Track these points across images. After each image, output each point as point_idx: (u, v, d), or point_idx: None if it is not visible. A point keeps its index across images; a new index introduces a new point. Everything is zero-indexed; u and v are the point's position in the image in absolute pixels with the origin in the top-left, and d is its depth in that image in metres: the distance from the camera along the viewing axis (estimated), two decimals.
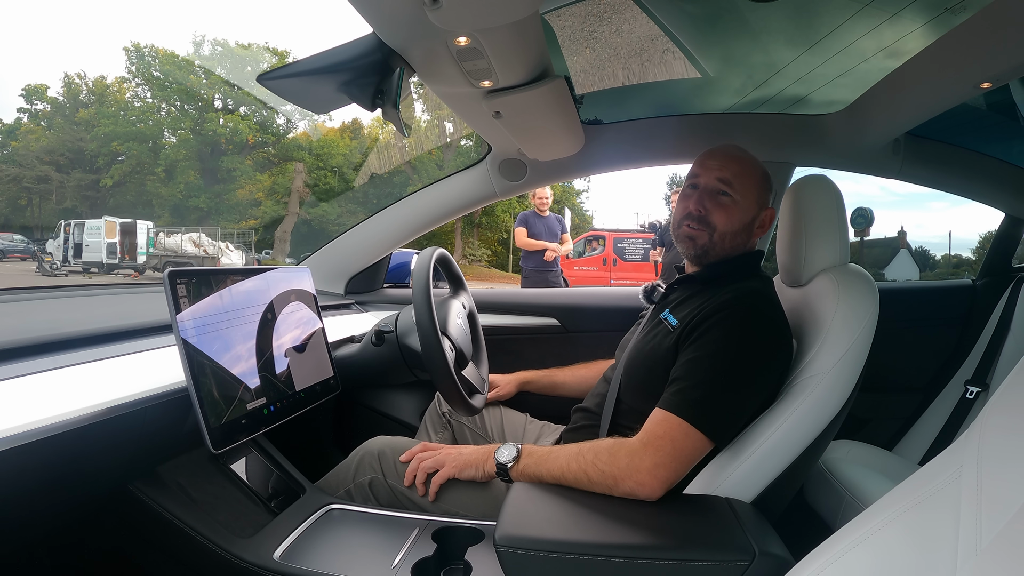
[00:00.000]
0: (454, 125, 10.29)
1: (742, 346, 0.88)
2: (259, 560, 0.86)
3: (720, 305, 0.92)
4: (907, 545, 0.49)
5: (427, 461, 1.02)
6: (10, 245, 18.90)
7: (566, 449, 0.89)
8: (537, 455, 0.91)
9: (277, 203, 23.92)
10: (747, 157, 1.06)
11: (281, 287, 1.13)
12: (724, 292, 0.95)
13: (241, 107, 25.12)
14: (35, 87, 25.65)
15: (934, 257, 19.19)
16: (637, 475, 0.81)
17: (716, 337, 0.89)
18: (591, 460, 0.84)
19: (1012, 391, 0.50)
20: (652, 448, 0.82)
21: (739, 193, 1.02)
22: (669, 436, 0.83)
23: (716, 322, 0.90)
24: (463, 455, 1.01)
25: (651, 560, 0.69)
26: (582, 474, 0.84)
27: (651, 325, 1.07)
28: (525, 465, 0.91)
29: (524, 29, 0.89)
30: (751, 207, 1.04)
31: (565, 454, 0.88)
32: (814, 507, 1.35)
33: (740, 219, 1.03)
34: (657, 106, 1.73)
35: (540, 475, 0.89)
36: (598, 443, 0.87)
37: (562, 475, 0.86)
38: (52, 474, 0.74)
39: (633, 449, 0.83)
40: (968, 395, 1.62)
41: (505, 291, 1.96)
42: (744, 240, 1.06)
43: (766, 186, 1.06)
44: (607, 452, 0.84)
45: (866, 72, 1.42)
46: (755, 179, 1.04)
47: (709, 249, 1.04)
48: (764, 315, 0.93)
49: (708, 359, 0.88)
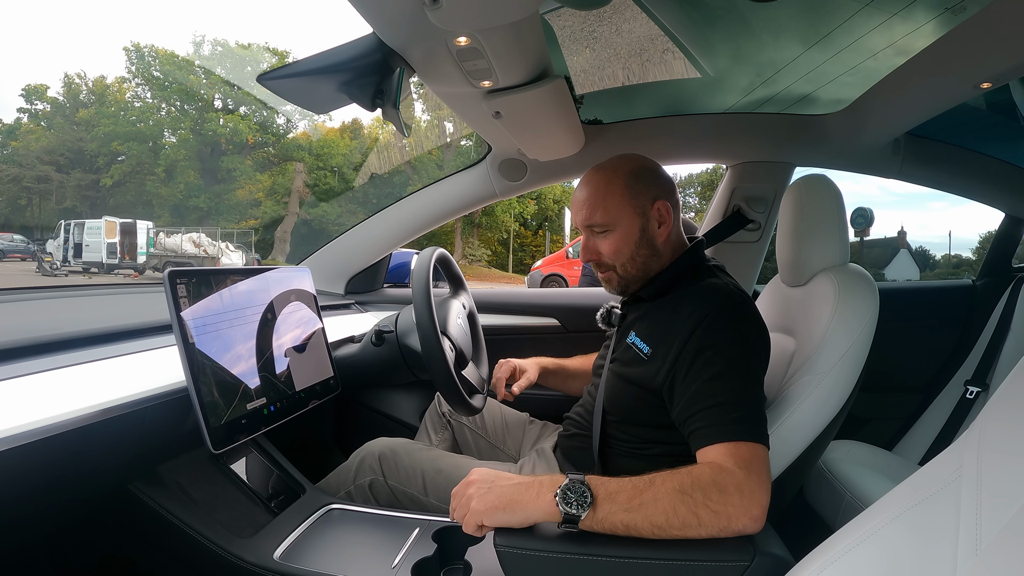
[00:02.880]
0: (454, 125, 10.30)
1: (746, 345, 0.84)
2: (259, 560, 0.86)
3: (706, 315, 0.85)
4: (909, 543, 0.49)
5: (459, 510, 0.76)
6: (10, 245, 18.89)
7: (663, 486, 0.71)
8: (621, 498, 0.71)
9: (277, 203, 23.92)
10: (600, 179, 0.97)
11: (281, 287, 1.13)
12: (694, 302, 0.88)
13: (241, 107, 25.12)
14: (35, 87, 25.64)
15: (934, 257, 19.19)
16: (750, 510, 0.70)
17: (724, 350, 0.82)
18: (701, 500, 0.69)
19: (1012, 390, 0.50)
20: (755, 474, 0.72)
21: (608, 217, 0.95)
22: (757, 457, 0.75)
23: (716, 335, 0.84)
24: (494, 491, 0.73)
25: (651, 560, 0.69)
26: (692, 518, 0.69)
27: (620, 351, 1.00)
28: (607, 513, 0.70)
29: (524, 29, 0.89)
30: (630, 219, 0.95)
31: (665, 493, 0.70)
32: (814, 507, 1.35)
33: (626, 239, 0.96)
34: (657, 106, 1.73)
35: (631, 525, 0.70)
36: (696, 476, 0.72)
37: (666, 522, 0.69)
38: (52, 474, 0.74)
39: (740, 480, 0.71)
40: (968, 395, 1.63)
41: (505, 291, 1.96)
42: (651, 251, 0.97)
43: (637, 187, 0.95)
44: (714, 487, 0.70)
45: (866, 71, 1.42)
46: (617, 192, 0.95)
47: (628, 280, 0.99)
48: (754, 311, 0.89)
49: (733, 375, 0.81)
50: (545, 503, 0.71)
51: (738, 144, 1.64)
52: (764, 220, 1.65)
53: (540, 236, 24.61)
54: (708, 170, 22.42)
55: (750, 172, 1.65)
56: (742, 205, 1.65)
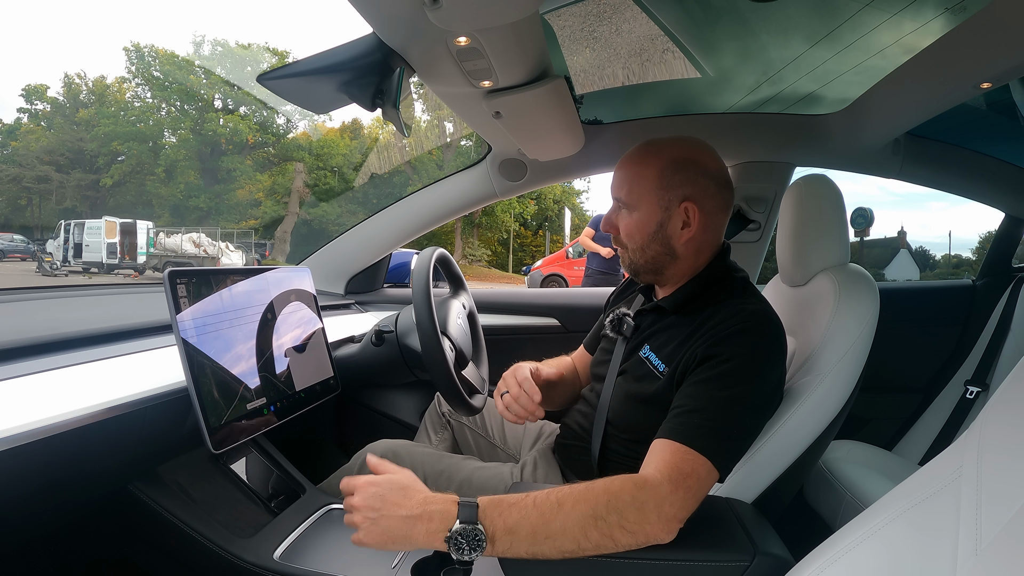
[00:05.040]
0: (454, 125, 10.30)
1: (761, 373, 0.81)
2: (259, 560, 0.86)
3: (730, 332, 0.82)
4: (910, 543, 0.49)
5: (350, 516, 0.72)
6: (10, 245, 18.88)
7: (572, 511, 0.68)
8: (523, 532, 0.67)
9: (277, 203, 23.91)
10: (641, 156, 0.92)
11: (281, 287, 1.13)
12: (721, 319, 0.85)
13: (241, 107, 25.10)
14: (35, 87, 25.62)
15: (934, 257, 19.18)
16: (666, 525, 0.69)
17: (734, 366, 0.80)
18: (616, 523, 0.67)
19: (1012, 390, 0.50)
20: (682, 491, 0.71)
21: (632, 198, 0.92)
22: (695, 475, 0.72)
23: (732, 350, 0.81)
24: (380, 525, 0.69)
25: (651, 560, 0.69)
26: (607, 540, 0.68)
27: (631, 363, 0.96)
28: (507, 547, 0.67)
29: (524, 29, 0.89)
30: (651, 208, 0.90)
31: (575, 520, 0.67)
32: (814, 507, 1.34)
33: (640, 227, 0.91)
34: (658, 106, 1.73)
35: (537, 554, 0.68)
36: (614, 495, 0.69)
37: (578, 547, 0.67)
38: (52, 474, 0.74)
39: (662, 497, 0.69)
40: (968, 395, 1.63)
41: (505, 291, 1.96)
42: (664, 249, 0.92)
43: (672, 179, 0.89)
44: (632, 506, 0.68)
45: (872, 69, 1.41)
46: (649, 177, 0.89)
47: (636, 268, 0.96)
48: (775, 336, 0.85)
49: (725, 387, 0.79)
50: (436, 543, 0.68)
51: (738, 144, 1.64)
52: (764, 220, 1.65)
53: (540, 236, 24.61)
54: None
55: (750, 172, 1.65)
56: (742, 205, 1.65)
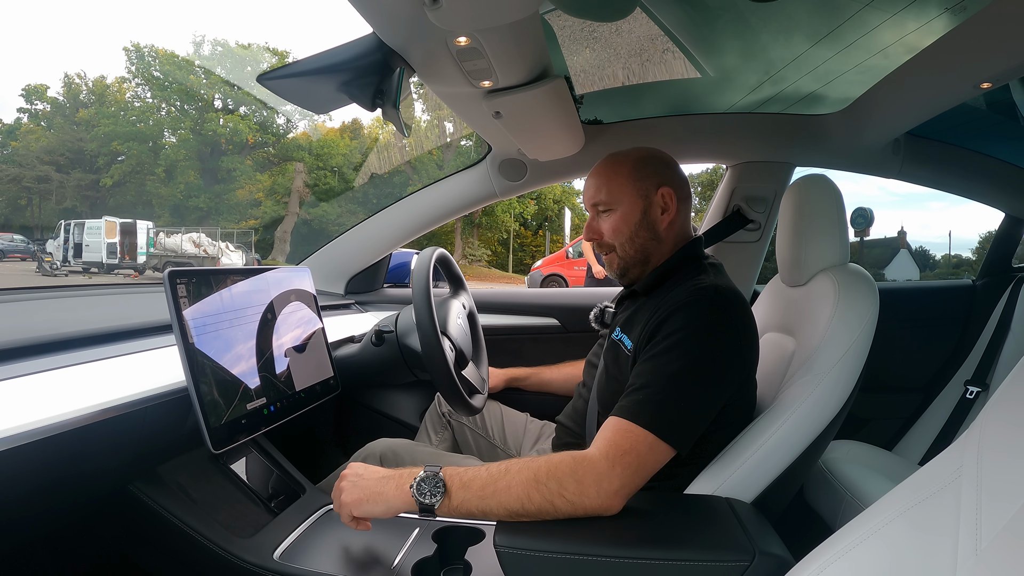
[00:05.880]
0: (454, 125, 10.29)
1: (703, 345, 0.82)
2: (259, 560, 0.86)
3: (675, 306, 0.85)
4: (910, 542, 0.49)
5: (335, 503, 0.83)
6: (10, 245, 18.88)
7: (517, 475, 0.75)
8: (475, 487, 0.75)
9: (277, 203, 23.92)
10: (609, 161, 1.01)
11: (281, 287, 1.13)
12: (674, 294, 0.88)
13: (241, 107, 25.11)
14: (35, 87, 25.63)
15: (934, 257, 19.19)
16: (608, 500, 0.74)
17: (676, 340, 0.82)
18: (556, 490, 0.73)
19: (1012, 390, 0.50)
20: (620, 467, 0.74)
21: (612, 197, 0.98)
22: (635, 451, 0.76)
23: (674, 324, 0.83)
24: (359, 485, 0.80)
25: (651, 560, 0.69)
26: (548, 505, 0.73)
27: (609, 348, 1.01)
28: (461, 501, 0.75)
29: (524, 29, 0.89)
30: (632, 200, 0.98)
31: (519, 482, 0.74)
32: (814, 507, 1.34)
33: (626, 219, 0.98)
34: (659, 106, 1.73)
35: (486, 511, 0.75)
36: (554, 465, 0.75)
37: (521, 508, 0.74)
38: (52, 474, 0.74)
39: (600, 472, 0.74)
40: (968, 395, 1.63)
41: (505, 291, 1.96)
42: (651, 234, 0.98)
43: (643, 172, 0.98)
44: (572, 478, 0.74)
45: (874, 68, 1.41)
46: (623, 174, 0.98)
47: (627, 263, 1.00)
48: (722, 309, 0.85)
49: (669, 362, 0.81)
50: (404, 494, 0.77)
51: (738, 144, 1.64)
52: (764, 220, 1.65)
53: (540, 236, 24.61)
54: (708, 170, 22.37)
55: (750, 172, 1.65)
56: (742, 205, 1.65)
